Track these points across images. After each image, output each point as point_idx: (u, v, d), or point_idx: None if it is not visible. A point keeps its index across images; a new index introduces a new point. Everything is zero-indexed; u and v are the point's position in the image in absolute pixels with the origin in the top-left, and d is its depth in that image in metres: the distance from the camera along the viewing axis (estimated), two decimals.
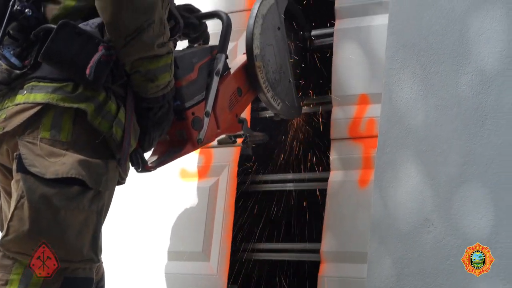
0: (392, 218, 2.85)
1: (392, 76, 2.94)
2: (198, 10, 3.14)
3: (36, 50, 2.53)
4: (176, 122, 2.84)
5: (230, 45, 3.64)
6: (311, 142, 3.56)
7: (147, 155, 2.85)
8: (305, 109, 3.55)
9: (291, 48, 3.43)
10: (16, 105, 2.50)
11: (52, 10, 2.58)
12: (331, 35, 3.47)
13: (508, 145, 2.64)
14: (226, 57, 3.05)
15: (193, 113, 2.87)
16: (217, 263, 3.49)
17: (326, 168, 3.41)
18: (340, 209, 3.26)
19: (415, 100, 2.88)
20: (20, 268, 2.42)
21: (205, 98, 2.93)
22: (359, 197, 3.21)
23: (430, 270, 2.72)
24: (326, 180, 3.36)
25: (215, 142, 3.26)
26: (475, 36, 2.76)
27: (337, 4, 3.46)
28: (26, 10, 2.53)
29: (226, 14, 3.08)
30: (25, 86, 2.53)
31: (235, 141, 3.33)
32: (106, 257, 2.98)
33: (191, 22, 3.04)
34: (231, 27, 3.07)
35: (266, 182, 3.54)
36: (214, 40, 3.16)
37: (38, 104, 2.47)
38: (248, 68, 3.15)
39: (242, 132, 3.21)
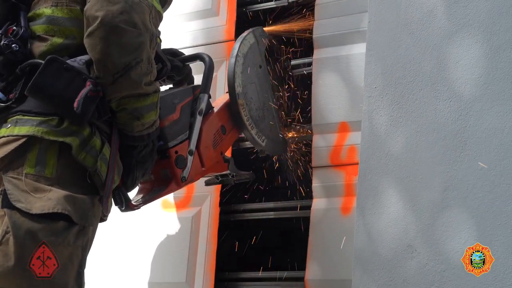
0: (375, 245, 2.86)
1: (371, 103, 2.96)
2: (182, 54, 3.19)
3: (21, 84, 2.54)
4: (160, 161, 2.86)
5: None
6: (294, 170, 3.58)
7: (131, 194, 2.86)
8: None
9: (273, 85, 3.47)
10: (0, 138, 2.50)
11: (39, 47, 2.60)
12: (310, 64, 3.50)
13: (488, 169, 2.66)
14: (209, 97, 3.08)
15: (176, 152, 2.90)
16: None
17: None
18: (324, 236, 3.27)
19: (395, 127, 2.90)
20: None
21: (189, 137, 2.96)
22: (342, 224, 3.22)
23: None
24: (308, 208, 3.37)
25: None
26: (452, 63, 2.80)
27: (315, 34, 3.50)
28: (13, 45, 2.55)
29: (209, 56, 3.13)
30: (9, 120, 2.53)
31: (221, 182, 3.35)
32: None
33: (175, 65, 3.08)
34: (213, 69, 3.13)
35: (249, 211, 3.54)
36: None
37: (22, 136, 2.47)
38: (231, 106, 3.19)
39: (228, 172, 3.23)
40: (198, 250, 3.54)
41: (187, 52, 3.26)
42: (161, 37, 2.91)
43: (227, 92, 3.26)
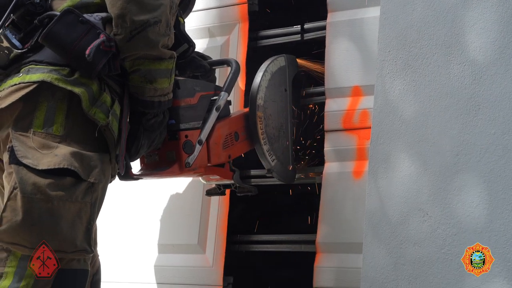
0: (386, 208, 2.87)
1: (384, 67, 2.95)
2: (209, 58, 3.23)
3: (38, 34, 2.57)
4: (168, 143, 2.89)
5: (222, 40, 3.68)
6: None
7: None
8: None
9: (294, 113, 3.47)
10: (12, 86, 2.53)
11: (59, 4, 2.63)
12: (323, 28, 3.48)
13: (502, 134, 2.66)
14: (229, 103, 3.13)
15: (186, 136, 2.91)
16: (212, 255, 3.51)
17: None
18: (335, 200, 3.28)
19: (408, 91, 2.90)
20: (15, 260, 2.44)
21: (201, 128, 2.97)
22: (354, 188, 3.22)
23: (426, 259, 2.74)
24: (321, 172, 3.37)
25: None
26: (467, 27, 2.78)
27: None
28: None
29: (236, 61, 3.19)
30: (21, 70, 2.56)
31: (223, 193, 3.39)
32: (103, 250, 3.00)
33: (203, 65, 3.12)
34: (239, 73, 3.18)
35: (261, 176, 3.54)
36: None
37: (33, 82, 2.50)
38: (250, 116, 3.22)
39: (232, 182, 3.25)
40: (210, 212, 3.56)
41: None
42: None
43: (247, 107, 3.28)
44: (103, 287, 2.87)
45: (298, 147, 3.51)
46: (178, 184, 3.66)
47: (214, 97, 3.04)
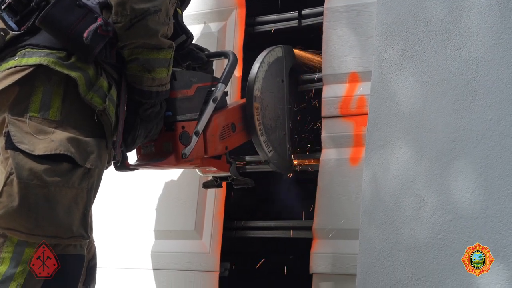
0: (383, 195, 2.87)
1: (381, 53, 2.95)
2: (207, 50, 3.23)
3: (34, 17, 2.56)
4: (165, 134, 2.89)
5: (219, 25, 3.67)
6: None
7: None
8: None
9: (291, 104, 3.47)
10: (8, 69, 2.53)
11: None
12: (321, 14, 3.48)
13: (498, 120, 2.65)
14: (226, 94, 3.13)
15: (183, 127, 2.91)
16: (209, 241, 3.51)
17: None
18: (332, 186, 3.28)
19: (405, 77, 2.89)
20: (11, 246, 2.44)
21: (198, 119, 2.97)
22: (351, 174, 3.23)
23: (421, 245, 2.75)
24: (317, 158, 3.38)
25: None
26: (464, 12, 2.77)
27: None
28: None
29: (233, 53, 3.18)
30: (17, 53, 2.56)
31: (220, 185, 3.38)
32: (100, 236, 3.00)
33: (200, 57, 3.11)
34: (236, 65, 3.17)
35: (258, 162, 3.54)
36: None
37: (30, 66, 2.50)
38: (246, 107, 3.22)
39: (229, 174, 3.24)
40: (207, 198, 3.57)
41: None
42: None
43: (244, 98, 3.28)
44: (100, 273, 2.87)
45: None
46: (175, 170, 3.66)
47: (211, 89, 3.04)
